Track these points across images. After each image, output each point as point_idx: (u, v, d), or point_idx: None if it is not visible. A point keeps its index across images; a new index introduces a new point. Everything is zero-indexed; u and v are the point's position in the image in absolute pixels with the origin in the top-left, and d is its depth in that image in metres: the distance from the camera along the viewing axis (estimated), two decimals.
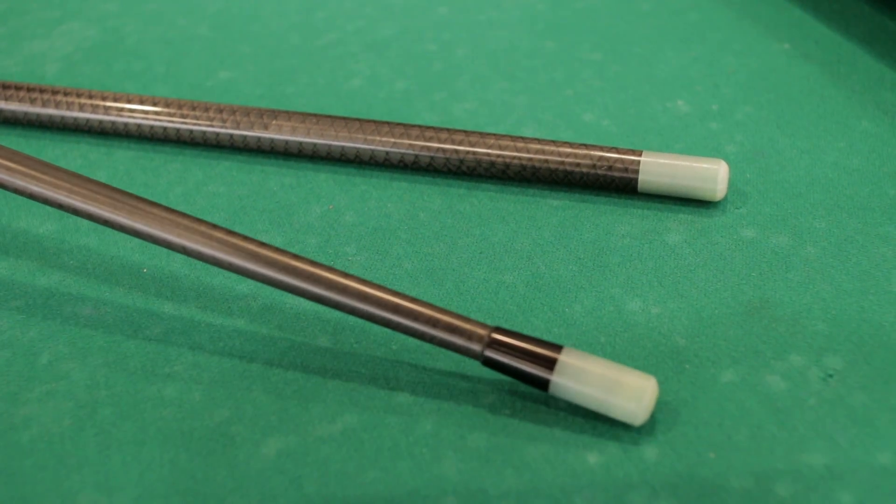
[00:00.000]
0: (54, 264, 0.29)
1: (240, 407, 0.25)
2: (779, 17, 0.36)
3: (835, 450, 0.23)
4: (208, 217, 0.30)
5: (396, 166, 0.31)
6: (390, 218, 0.30)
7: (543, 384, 0.23)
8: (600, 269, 0.27)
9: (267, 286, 0.27)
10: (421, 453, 0.23)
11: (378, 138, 0.31)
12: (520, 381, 0.24)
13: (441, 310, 0.24)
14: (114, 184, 0.31)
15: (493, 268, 0.28)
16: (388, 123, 0.31)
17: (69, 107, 0.33)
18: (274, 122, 0.31)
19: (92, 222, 0.30)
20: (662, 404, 0.24)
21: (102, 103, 0.33)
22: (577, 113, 0.33)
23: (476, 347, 0.24)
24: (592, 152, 0.29)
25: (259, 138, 0.32)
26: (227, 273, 0.28)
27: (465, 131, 0.30)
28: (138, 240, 0.29)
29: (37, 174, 0.26)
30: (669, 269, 0.27)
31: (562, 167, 0.29)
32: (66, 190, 0.26)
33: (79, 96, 0.33)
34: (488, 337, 0.24)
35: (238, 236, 0.25)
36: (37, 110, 0.33)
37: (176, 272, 0.28)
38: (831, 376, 0.24)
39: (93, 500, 0.23)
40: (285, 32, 0.38)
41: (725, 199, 0.29)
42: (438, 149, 0.30)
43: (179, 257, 0.29)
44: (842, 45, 0.35)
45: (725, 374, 0.24)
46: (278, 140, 0.31)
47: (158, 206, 0.26)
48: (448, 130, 0.30)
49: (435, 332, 0.24)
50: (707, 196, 0.29)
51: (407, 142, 0.30)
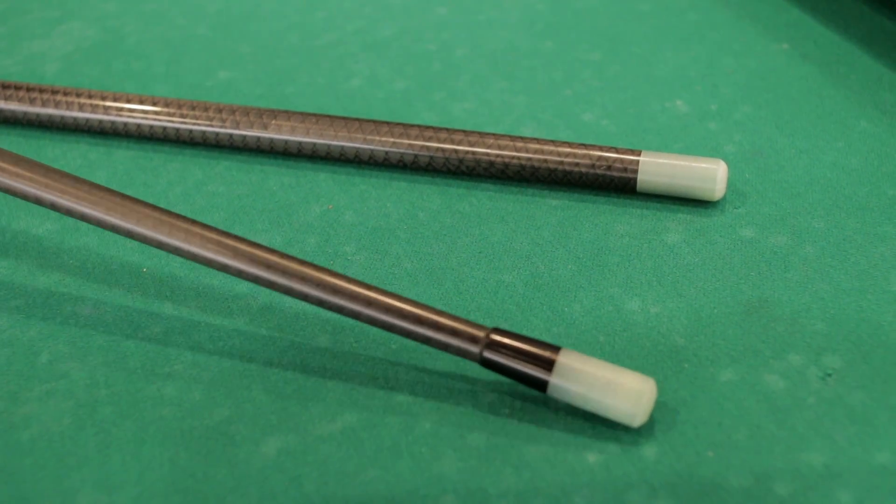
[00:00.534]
0: (54, 264, 0.29)
1: (239, 406, 0.25)
2: (777, 17, 0.37)
3: (834, 449, 0.23)
4: (208, 217, 0.30)
5: (396, 166, 0.31)
6: (389, 217, 0.30)
7: (542, 385, 0.23)
8: (599, 269, 0.27)
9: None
10: (420, 452, 0.23)
11: (377, 138, 0.31)
12: (518, 383, 0.24)
13: (439, 311, 0.24)
14: (113, 183, 0.31)
15: (492, 267, 0.28)
16: (388, 123, 0.31)
17: (69, 106, 0.33)
18: (273, 121, 0.31)
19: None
20: (661, 403, 0.24)
21: (102, 103, 0.33)
22: (576, 113, 0.33)
23: (474, 349, 0.24)
24: (591, 152, 0.29)
25: (258, 138, 0.32)
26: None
27: (464, 131, 0.30)
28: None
29: (27, 174, 0.26)
30: (668, 269, 0.27)
31: (561, 167, 0.29)
32: (57, 190, 0.26)
33: (78, 96, 0.33)
34: (487, 338, 0.24)
35: (234, 237, 0.25)
36: (36, 110, 0.33)
37: (175, 272, 0.28)
38: (830, 375, 0.24)
39: (93, 498, 0.23)
40: (285, 32, 0.38)
41: (724, 198, 0.29)
42: (438, 148, 0.30)
43: (179, 257, 0.29)
44: (840, 45, 0.35)
45: (724, 374, 0.24)
46: (278, 140, 0.31)
47: (150, 206, 0.26)
48: (447, 130, 0.30)
49: (433, 335, 0.24)
50: (706, 196, 0.29)
51: (406, 141, 0.30)
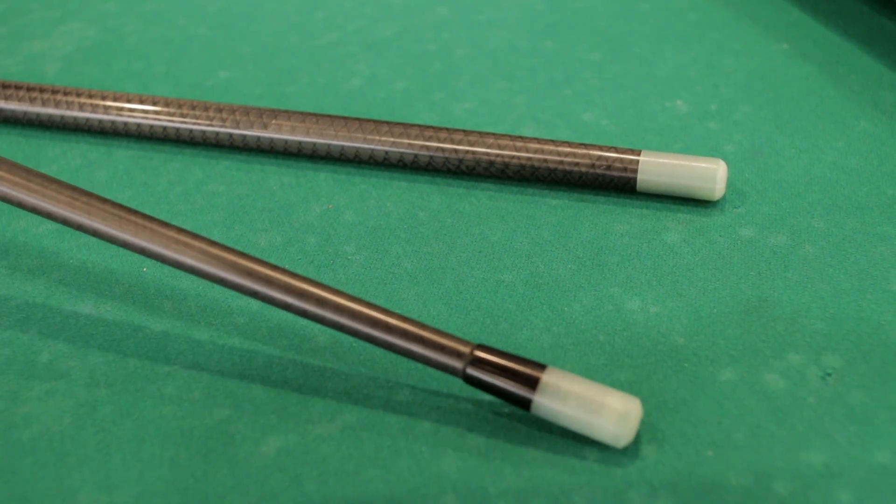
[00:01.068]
0: (54, 263, 0.29)
1: (239, 405, 0.25)
2: (777, 17, 0.37)
3: (833, 448, 0.23)
4: (208, 216, 0.30)
5: (396, 165, 0.31)
6: (390, 217, 0.30)
7: (525, 404, 0.23)
8: (599, 269, 0.27)
9: None
10: (420, 451, 0.23)
11: (377, 137, 0.31)
12: (503, 401, 0.24)
13: (424, 326, 0.23)
14: (114, 183, 0.31)
15: (492, 267, 0.28)
16: (388, 123, 0.31)
17: (69, 106, 0.33)
18: (273, 121, 0.32)
19: None
20: (661, 403, 0.24)
21: (102, 103, 0.33)
22: (576, 112, 0.33)
23: (458, 364, 0.23)
24: (591, 152, 0.29)
25: (259, 137, 0.32)
26: None
27: (464, 131, 0.30)
28: None
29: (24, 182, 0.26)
30: (668, 269, 0.27)
31: (561, 167, 0.29)
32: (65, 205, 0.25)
33: (79, 96, 0.33)
34: (470, 354, 0.23)
35: (227, 249, 0.25)
36: (37, 110, 0.33)
37: (176, 271, 0.28)
38: (830, 375, 0.24)
39: (93, 498, 0.23)
40: (285, 32, 0.38)
41: (724, 198, 0.29)
42: (438, 148, 0.30)
43: None
44: (840, 45, 0.35)
45: (724, 373, 0.24)
46: (278, 139, 0.31)
47: (122, 208, 0.25)
48: (447, 130, 0.30)
49: (417, 349, 0.23)
50: (706, 195, 0.29)
51: (406, 141, 0.30)
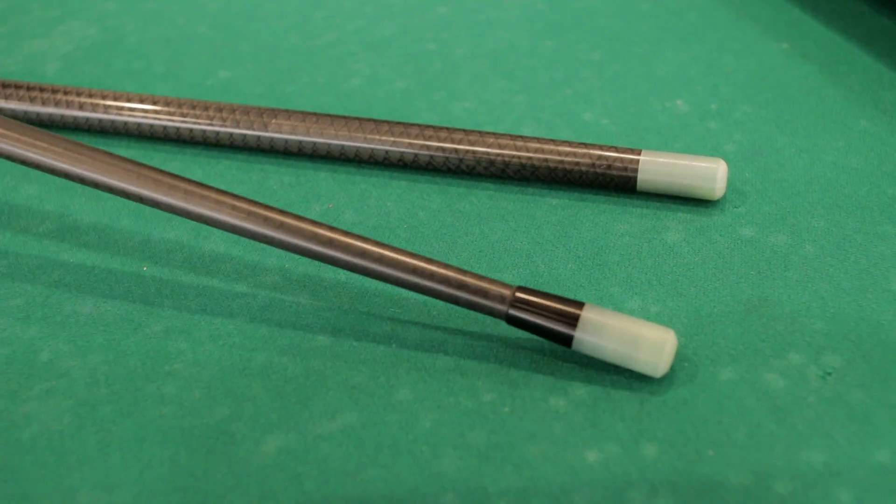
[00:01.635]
0: (54, 262, 0.29)
1: (239, 405, 0.25)
2: (778, 16, 0.37)
3: (833, 448, 0.23)
4: None
5: (396, 165, 0.31)
6: (390, 216, 0.30)
7: (567, 340, 0.24)
8: (599, 268, 0.27)
9: (265, 285, 0.28)
10: (420, 451, 0.23)
11: (377, 137, 0.31)
12: (543, 338, 0.25)
13: (464, 272, 0.25)
14: None
15: (492, 266, 0.28)
16: (388, 122, 0.31)
17: (69, 106, 0.33)
18: (273, 120, 0.32)
19: (92, 221, 0.30)
20: (661, 402, 0.24)
21: (102, 102, 0.33)
22: (576, 112, 0.33)
23: (501, 307, 0.24)
24: (591, 151, 0.29)
25: (259, 137, 0.32)
26: (227, 271, 0.28)
27: (464, 130, 0.30)
28: (138, 238, 0.29)
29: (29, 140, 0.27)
30: (668, 268, 0.27)
31: (561, 166, 0.29)
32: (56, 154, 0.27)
33: (79, 95, 0.33)
34: (512, 296, 0.24)
35: (260, 205, 0.26)
36: (37, 109, 0.33)
37: (176, 270, 0.28)
38: (830, 374, 0.24)
39: (93, 497, 0.23)
40: (285, 32, 0.38)
41: (724, 197, 0.29)
42: (438, 147, 0.30)
43: (179, 255, 0.29)
44: (840, 44, 0.35)
45: (724, 373, 0.24)
46: (278, 139, 0.31)
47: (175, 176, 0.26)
48: (447, 129, 0.30)
49: (461, 294, 0.24)
50: (706, 195, 0.29)
51: (406, 140, 0.30)
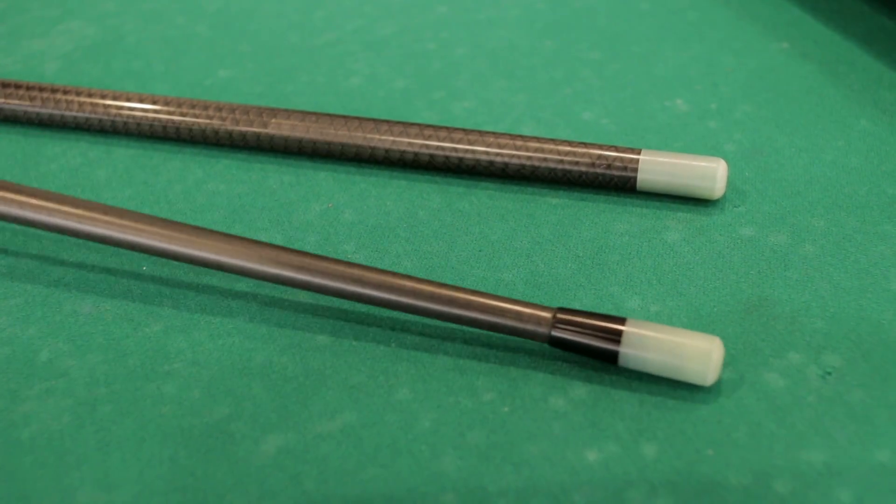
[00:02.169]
0: (54, 262, 0.29)
1: (239, 404, 0.25)
2: (777, 16, 0.37)
3: (833, 447, 0.23)
4: (208, 215, 0.30)
5: (396, 164, 0.31)
6: (389, 216, 0.30)
7: (612, 356, 0.24)
8: (599, 268, 0.27)
9: (265, 284, 0.28)
10: (420, 450, 0.23)
11: (377, 136, 0.31)
12: (587, 357, 0.25)
13: (501, 298, 0.25)
14: (113, 182, 0.31)
15: (492, 266, 0.28)
16: (387, 122, 0.31)
17: (69, 105, 0.33)
18: (273, 120, 0.31)
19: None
20: (661, 402, 0.24)
21: (102, 101, 0.33)
22: (576, 111, 0.33)
23: (543, 330, 0.24)
24: (591, 151, 0.29)
25: (258, 136, 0.32)
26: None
27: (464, 130, 0.30)
28: None
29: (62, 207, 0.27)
30: (668, 268, 0.27)
31: (561, 166, 0.29)
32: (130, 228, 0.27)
33: (78, 94, 0.33)
34: (553, 317, 0.24)
35: (292, 252, 0.26)
36: (36, 109, 0.33)
37: (175, 270, 0.28)
38: (830, 374, 0.24)
39: (92, 497, 0.23)
40: (284, 31, 0.38)
41: (724, 197, 0.29)
42: (437, 147, 0.30)
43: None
44: (840, 44, 0.35)
45: (724, 372, 0.24)
46: (278, 137, 0.31)
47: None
48: (447, 129, 0.30)
49: (502, 321, 0.25)
50: (706, 195, 0.29)
51: (406, 140, 0.30)
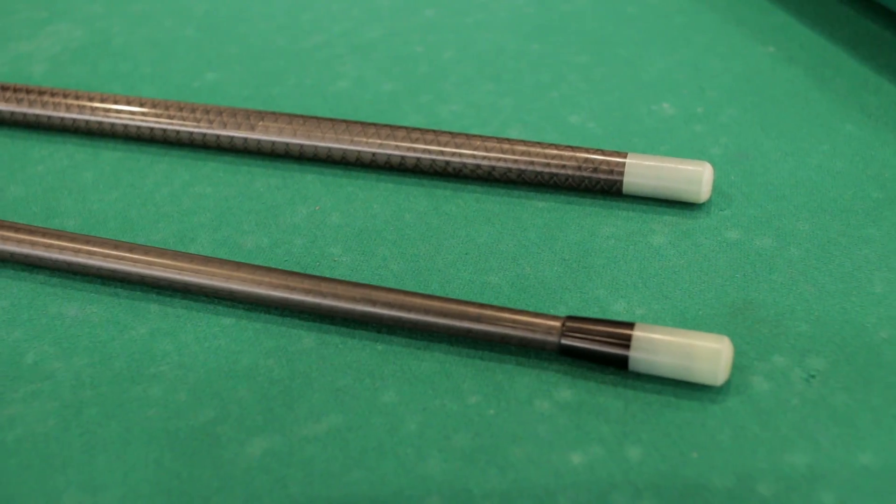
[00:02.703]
0: (40, 264, 0.29)
1: (225, 407, 0.25)
2: (764, 20, 0.37)
3: (817, 450, 0.23)
4: (195, 218, 0.30)
5: (383, 167, 0.31)
6: (376, 219, 0.30)
7: (622, 361, 0.24)
8: (585, 271, 0.27)
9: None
10: (406, 453, 0.23)
11: (364, 139, 0.31)
12: (596, 364, 0.25)
13: (508, 309, 0.25)
14: (100, 184, 0.31)
15: (478, 269, 0.28)
16: (375, 125, 0.31)
17: (56, 107, 0.33)
18: (260, 123, 0.32)
19: (78, 223, 0.30)
20: (645, 405, 0.24)
21: (89, 104, 0.33)
22: (562, 115, 0.33)
23: (552, 339, 0.24)
24: (577, 154, 0.29)
25: (245, 139, 0.32)
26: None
27: (451, 133, 0.30)
28: (124, 240, 0.29)
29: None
30: (654, 271, 0.27)
31: (547, 169, 0.29)
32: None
33: (65, 97, 0.33)
34: (562, 326, 0.24)
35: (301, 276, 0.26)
36: (23, 110, 0.33)
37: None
38: (814, 377, 0.24)
39: (77, 499, 0.23)
40: (272, 34, 0.38)
41: (710, 200, 0.29)
42: (424, 150, 0.30)
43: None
44: (826, 48, 0.35)
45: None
46: (265, 141, 0.31)
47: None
48: (434, 132, 0.30)
49: (512, 333, 0.25)
50: (692, 198, 0.29)
51: (393, 143, 0.30)
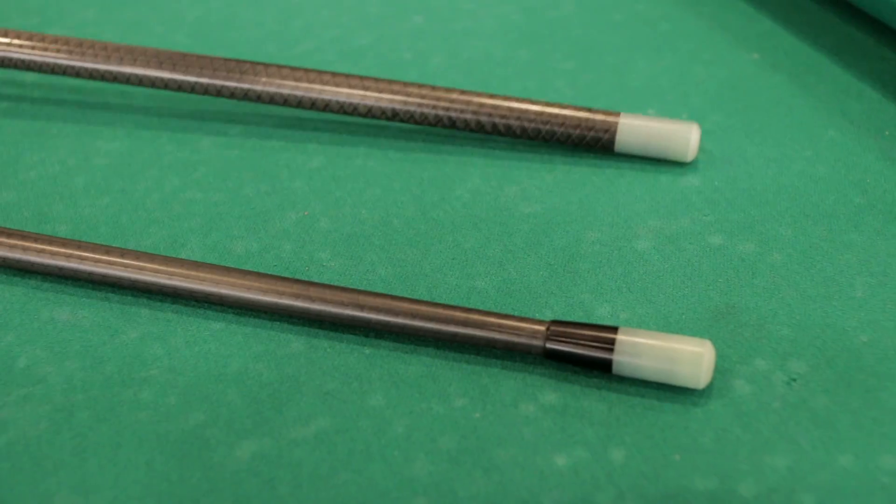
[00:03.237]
0: (32, 269, 0.29)
1: (214, 410, 0.25)
2: (748, 27, 0.37)
3: (797, 452, 0.23)
4: (184, 223, 0.30)
5: (379, 118, 0.32)
6: (364, 224, 0.30)
7: (606, 365, 0.24)
8: (570, 275, 0.28)
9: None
10: (393, 456, 0.24)
11: (360, 92, 0.31)
12: (581, 367, 0.25)
13: (492, 313, 0.25)
14: (91, 190, 0.32)
15: (465, 273, 0.28)
16: (373, 78, 0.32)
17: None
18: (255, 74, 0.32)
19: (69, 228, 0.30)
20: (629, 407, 0.24)
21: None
22: None
23: (537, 343, 0.25)
24: (577, 113, 0.31)
25: (246, 91, 0.32)
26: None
27: (445, 88, 0.32)
28: (115, 244, 0.29)
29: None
30: (638, 276, 0.28)
31: (546, 127, 0.31)
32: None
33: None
34: (547, 330, 0.25)
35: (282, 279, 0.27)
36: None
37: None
38: (795, 380, 0.25)
39: (69, 502, 0.23)
40: (262, 41, 0.38)
41: (693, 206, 0.30)
42: (420, 103, 0.31)
43: None
44: (810, 55, 0.35)
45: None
46: (264, 93, 0.32)
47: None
48: (431, 87, 0.32)
49: (498, 336, 0.25)
50: (679, 157, 0.30)
51: (388, 96, 0.31)
